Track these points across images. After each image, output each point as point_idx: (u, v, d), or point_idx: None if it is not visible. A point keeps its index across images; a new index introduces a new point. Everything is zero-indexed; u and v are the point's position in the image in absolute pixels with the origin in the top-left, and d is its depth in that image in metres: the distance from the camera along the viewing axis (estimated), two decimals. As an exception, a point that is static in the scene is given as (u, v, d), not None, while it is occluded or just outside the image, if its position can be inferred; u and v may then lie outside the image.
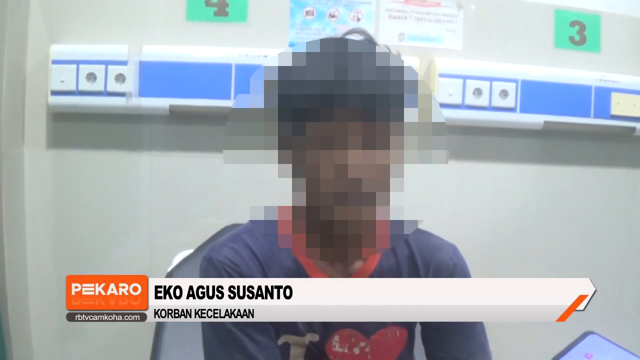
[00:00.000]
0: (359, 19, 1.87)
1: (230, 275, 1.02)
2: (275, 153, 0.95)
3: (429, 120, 0.95)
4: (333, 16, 1.86)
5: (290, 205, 0.99)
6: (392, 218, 0.99)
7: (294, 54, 0.95)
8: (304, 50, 0.95)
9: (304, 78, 0.91)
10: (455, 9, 1.91)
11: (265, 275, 1.04)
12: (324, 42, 0.99)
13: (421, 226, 1.02)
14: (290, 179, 0.96)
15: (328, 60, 0.92)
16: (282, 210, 1.01)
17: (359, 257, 1.06)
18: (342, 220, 0.93)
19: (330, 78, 0.90)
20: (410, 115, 0.94)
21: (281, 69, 0.93)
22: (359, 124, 0.91)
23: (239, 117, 0.96)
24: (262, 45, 1.80)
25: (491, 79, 1.88)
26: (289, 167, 0.95)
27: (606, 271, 2.07)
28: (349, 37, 1.04)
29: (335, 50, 0.95)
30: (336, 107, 0.90)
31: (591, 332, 0.75)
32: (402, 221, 0.98)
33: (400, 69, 0.93)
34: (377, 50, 0.96)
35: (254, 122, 0.94)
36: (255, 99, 0.94)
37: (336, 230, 0.95)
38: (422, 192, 0.95)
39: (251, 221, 1.07)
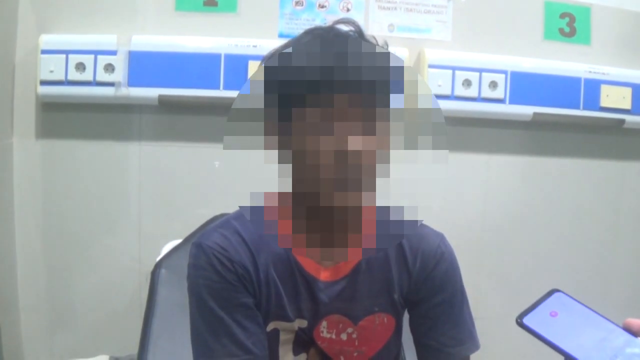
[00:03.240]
0: (348, 10, 1.86)
1: (219, 260, 1.03)
2: (274, 139, 0.95)
3: (426, 107, 0.96)
4: (323, 6, 1.86)
5: (280, 192, 0.99)
6: (392, 218, 1.00)
7: (293, 41, 0.98)
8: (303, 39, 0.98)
9: (304, 64, 0.92)
10: (445, 0, 1.91)
11: (254, 261, 1.05)
12: (324, 33, 1.00)
13: None
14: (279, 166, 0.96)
15: (328, 47, 0.94)
16: (273, 197, 1.01)
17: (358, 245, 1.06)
18: (341, 206, 0.94)
19: (330, 64, 0.91)
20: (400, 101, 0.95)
21: (281, 55, 0.94)
22: (358, 109, 0.92)
23: (241, 104, 0.96)
24: (252, 36, 1.80)
25: (480, 70, 1.88)
26: (288, 154, 0.94)
27: (594, 262, 2.08)
28: (338, 26, 1.04)
29: (335, 39, 0.98)
30: (336, 93, 0.91)
31: (557, 290, 0.74)
32: (402, 221, 0.99)
33: (398, 60, 0.94)
34: (366, 42, 0.99)
35: (255, 110, 0.94)
36: (256, 86, 0.94)
37: (335, 215, 0.95)
38: (417, 188, 0.95)
39: (241, 208, 1.08)
